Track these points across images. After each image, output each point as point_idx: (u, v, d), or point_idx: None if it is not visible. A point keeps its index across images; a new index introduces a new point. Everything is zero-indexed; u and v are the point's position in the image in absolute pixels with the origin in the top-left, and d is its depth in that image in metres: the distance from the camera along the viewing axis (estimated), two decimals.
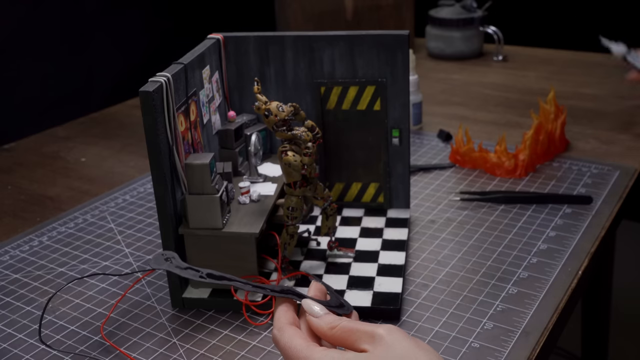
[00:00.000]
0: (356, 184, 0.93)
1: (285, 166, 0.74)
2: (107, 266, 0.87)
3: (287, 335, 0.54)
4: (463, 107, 1.38)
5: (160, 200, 0.72)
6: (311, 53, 0.88)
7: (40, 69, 2.25)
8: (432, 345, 0.69)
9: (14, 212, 1.04)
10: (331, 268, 0.81)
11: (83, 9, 2.37)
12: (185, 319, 0.75)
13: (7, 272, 0.87)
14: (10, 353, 0.72)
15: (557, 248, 0.85)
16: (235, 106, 0.92)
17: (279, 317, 0.56)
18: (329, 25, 1.66)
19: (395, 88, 0.87)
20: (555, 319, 0.72)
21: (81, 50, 2.38)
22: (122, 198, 1.05)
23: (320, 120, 0.90)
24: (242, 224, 0.75)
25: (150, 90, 0.68)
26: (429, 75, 1.58)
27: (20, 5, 2.16)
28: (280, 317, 0.56)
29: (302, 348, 0.53)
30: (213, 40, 0.87)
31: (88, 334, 0.74)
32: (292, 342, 0.53)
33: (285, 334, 0.54)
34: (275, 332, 0.55)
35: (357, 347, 0.53)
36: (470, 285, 0.78)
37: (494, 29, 1.67)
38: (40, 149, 1.29)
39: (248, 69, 0.90)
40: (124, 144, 1.29)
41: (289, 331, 0.54)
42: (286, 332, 0.54)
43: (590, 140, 1.18)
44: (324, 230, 0.81)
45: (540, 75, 1.56)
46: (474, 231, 0.90)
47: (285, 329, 0.54)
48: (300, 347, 0.53)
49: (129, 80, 1.48)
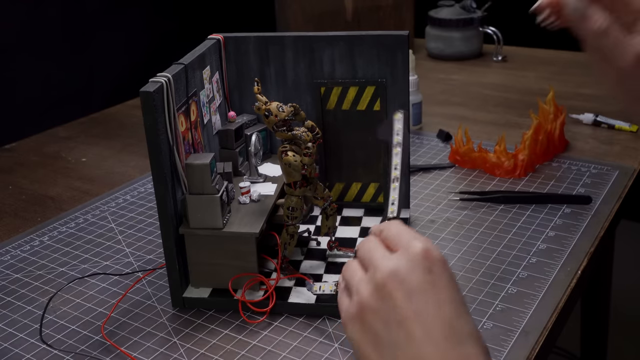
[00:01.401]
0: (356, 184, 0.94)
1: (285, 166, 0.75)
2: (108, 266, 0.87)
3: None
4: (463, 108, 1.38)
5: (161, 200, 0.72)
6: (311, 53, 0.88)
7: (41, 69, 2.25)
8: None
9: (14, 212, 1.05)
10: (331, 268, 0.81)
11: (84, 9, 2.38)
12: (185, 319, 0.76)
13: (8, 271, 0.87)
14: (11, 352, 0.72)
15: (556, 248, 0.85)
16: (235, 106, 0.92)
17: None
18: (328, 26, 1.66)
19: (395, 88, 0.88)
20: (555, 318, 0.73)
21: (82, 50, 2.39)
22: (122, 198, 1.05)
23: (320, 121, 0.90)
24: (242, 224, 0.75)
25: (151, 91, 0.68)
26: (429, 76, 1.58)
27: (22, 5, 2.17)
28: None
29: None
30: (213, 40, 0.87)
31: (89, 333, 0.75)
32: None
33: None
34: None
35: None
36: (469, 285, 0.78)
37: (493, 29, 1.67)
38: (41, 149, 1.29)
39: (248, 69, 0.90)
40: (124, 144, 1.29)
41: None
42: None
43: (589, 140, 1.18)
44: (324, 230, 0.82)
45: (539, 76, 1.56)
46: (474, 231, 0.90)
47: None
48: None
49: (130, 81, 1.48)
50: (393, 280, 0.49)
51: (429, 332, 0.48)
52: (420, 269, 0.50)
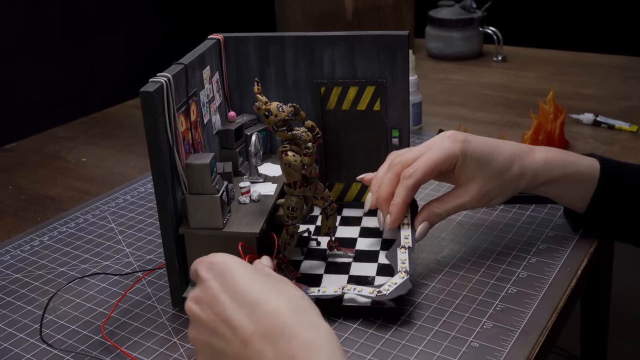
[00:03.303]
0: (356, 184, 0.94)
1: (285, 166, 0.74)
2: (108, 266, 0.87)
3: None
4: (463, 108, 1.38)
5: (161, 200, 0.72)
6: (311, 53, 0.88)
7: (41, 69, 2.25)
8: (432, 344, 0.69)
9: (14, 212, 1.05)
10: (331, 268, 0.81)
11: (84, 10, 2.38)
12: (185, 319, 0.76)
13: (8, 271, 0.87)
14: (11, 352, 0.72)
15: (556, 248, 0.85)
16: (235, 106, 0.92)
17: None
18: (328, 26, 1.66)
19: (395, 88, 0.88)
20: (555, 318, 0.73)
21: (82, 50, 2.39)
22: (122, 198, 1.05)
23: (320, 121, 0.90)
24: (242, 224, 0.75)
25: (151, 91, 0.68)
26: (429, 76, 1.58)
27: (22, 5, 2.17)
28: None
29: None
30: (213, 40, 0.87)
31: (89, 333, 0.75)
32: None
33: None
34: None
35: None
36: (469, 285, 0.78)
37: (493, 29, 1.67)
38: (41, 149, 1.29)
39: (248, 69, 0.90)
40: (124, 144, 1.29)
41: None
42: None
43: (589, 140, 1.18)
44: (324, 230, 0.82)
45: (539, 76, 1.56)
46: (474, 231, 0.90)
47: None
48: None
49: (130, 81, 1.48)
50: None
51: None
52: (212, 279, 0.59)
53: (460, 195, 0.79)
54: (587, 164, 0.82)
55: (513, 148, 0.81)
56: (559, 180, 0.81)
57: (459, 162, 0.78)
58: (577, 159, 0.83)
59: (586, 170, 0.82)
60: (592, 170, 0.82)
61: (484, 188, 0.79)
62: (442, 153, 0.77)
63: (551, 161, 0.81)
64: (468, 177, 0.79)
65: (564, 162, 0.81)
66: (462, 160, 0.78)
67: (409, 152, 0.80)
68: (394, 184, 0.79)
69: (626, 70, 1.57)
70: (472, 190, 0.79)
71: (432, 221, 0.79)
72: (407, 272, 0.74)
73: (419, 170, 0.77)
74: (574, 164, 0.82)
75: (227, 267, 0.58)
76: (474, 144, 0.78)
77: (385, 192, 0.79)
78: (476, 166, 0.78)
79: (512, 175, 0.79)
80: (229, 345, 0.55)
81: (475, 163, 0.78)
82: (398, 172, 0.79)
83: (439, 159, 0.77)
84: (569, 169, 0.81)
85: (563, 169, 0.81)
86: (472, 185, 0.79)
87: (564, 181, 0.81)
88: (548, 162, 0.81)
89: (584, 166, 0.82)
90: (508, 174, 0.79)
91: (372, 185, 0.82)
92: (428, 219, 0.79)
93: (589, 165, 0.82)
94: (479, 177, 0.79)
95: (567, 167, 0.81)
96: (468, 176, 0.79)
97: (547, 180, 0.81)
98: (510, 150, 0.80)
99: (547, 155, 0.82)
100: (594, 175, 0.81)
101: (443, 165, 0.78)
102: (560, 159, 0.82)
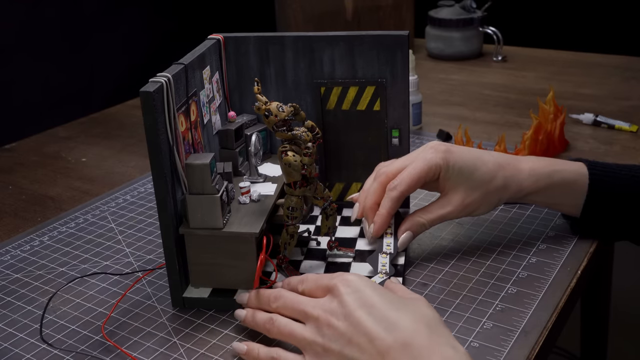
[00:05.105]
0: (356, 184, 0.94)
1: (285, 166, 0.75)
2: (108, 266, 0.87)
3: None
4: (463, 108, 1.38)
5: (161, 200, 0.72)
6: (311, 53, 0.88)
7: (41, 69, 2.25)
8: None
9: (14, 212, 1.05)
10: (331, 268, 0.81)
11: (84, 9, 2.38)
12: (185, 319, 0.76)
13: (8, 271, 0.87)
14: (11, 352, 0.72)
15: (556, 248, 0.85)
16: (235, 106, 0.92)
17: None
18: (328, 26, 1.66)
19: (395, 88, 0.88)
20: (555, 318, 0.73)
21: (82, 50, 2.39)
22: (122, 198, 1.05)
23: (320, 120, 0.90)
24: (242, 224, 0.75)
25: (151, 91, 0.68)
26: (429, 76, 1.58)
27: (20, 5, 2.17)
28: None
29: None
30: (213, 40, 0.87)
31: (89, 333, 0.75)
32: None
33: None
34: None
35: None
36: (469, 285, 0.78)
37: (493, 29, 1.67)
38: (41, 149, 1.29)
39: (248, 69, 0.90)
40: (124, 144, 1.29)
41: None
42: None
43: (589, 140, 1.18)
44: (324, 230, 0.82)
45: (539, 76, 1.56)
46: (474, 231, 0.90)
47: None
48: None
49: (130, 81, 1.48)
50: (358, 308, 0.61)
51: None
52: (349, 294, 0.62)
53: (444, 205, 0.80)
54: (573, 171, 0.82)
55: (497, 159, 0.81)
56: (545, 189, 0.81)
57: (442, 171, 0.79)
58: (564, 166, 0.82)
59: (572, 177, 0.82)
60: (579, 176, 0.82)
61: (466, 198, 0.80)
62: (424, 164, 0.79)
63: (536, 171, 0.81)
64: (451, 187, 0.80)
65: (550, 172, 0.81)
66: (444, 170, 0.79)
67: (395, 163, 0.82)
68: (379, 194, 0.81)
69: (626, 70, 1.57)
70: (454, 200, 0.80)
71: (415, 231, 0.81)
72: (387, 273, 0.77)
73: (403, 182, 0.79)
74: (559, 173, 0.82)
75: (364, 286, 0.63)
76: (457, 154, 0.79)
77: (371, 201, 0.82)
78: (459, 176, 0.79)
79: (496, 186, 0.80)
80: (363, 354, 0.58)
81: (457, 173, 0.79)
82: (383, 182, 0.81)
83: (422, 170, 0.79)
84: (554, 178, 0.81)
85: (549, 178, 0.81)
86: (455, 195, 0.80)
87: (551, 190, 0.82)
88: (533, 173, 0.81)
89: (571, 173, 0.82)
90: (491, 184, 0.80)
91: (359, 196, 0.84)
92: (411, 229, 0.80)
93: (575, 172, 0.82)
94: (461, 188, 0.79)
95: (553, 176, 0.81)
96: (451, 186, 0.80)
97: (534, 190, 0.81)
98: (495, 161, 0.81)
99: (532, 165, 0.82)
100: (582, 181, 0.81)
101: (427, 176, 0.79)
102: (545, 169, 0.82)
